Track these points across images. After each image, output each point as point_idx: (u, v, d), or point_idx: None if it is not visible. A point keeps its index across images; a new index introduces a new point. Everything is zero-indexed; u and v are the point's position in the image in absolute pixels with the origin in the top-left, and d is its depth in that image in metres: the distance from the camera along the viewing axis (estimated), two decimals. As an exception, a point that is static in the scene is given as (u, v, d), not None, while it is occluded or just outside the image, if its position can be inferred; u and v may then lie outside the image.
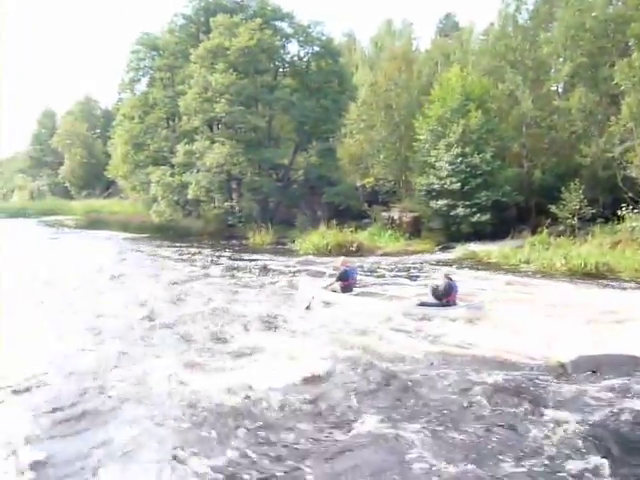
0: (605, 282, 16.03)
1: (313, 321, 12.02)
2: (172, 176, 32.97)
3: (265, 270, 19.45)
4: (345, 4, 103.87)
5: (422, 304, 12.24)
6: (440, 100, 25.53)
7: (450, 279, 12.33)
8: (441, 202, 24.03)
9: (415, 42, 41.72)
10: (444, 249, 23.44)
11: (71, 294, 15.66)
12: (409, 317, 11.77)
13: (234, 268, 20.03)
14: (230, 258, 22.86)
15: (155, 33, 39.15)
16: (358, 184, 31.66)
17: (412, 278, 17.32)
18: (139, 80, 40.39)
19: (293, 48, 34.71)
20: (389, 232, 25.45)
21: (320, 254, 22.84)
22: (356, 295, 13.52)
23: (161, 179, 33.21)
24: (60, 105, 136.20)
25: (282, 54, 34.42)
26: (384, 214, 27.56)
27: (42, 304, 14.30)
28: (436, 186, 24.32)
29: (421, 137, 25.91)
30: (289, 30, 34.29)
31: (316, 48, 33.61)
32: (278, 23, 34.09)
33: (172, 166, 33.75)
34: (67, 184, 69.33)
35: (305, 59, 34.47)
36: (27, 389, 8.18)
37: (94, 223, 42.30)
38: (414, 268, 19.34)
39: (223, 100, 29.30)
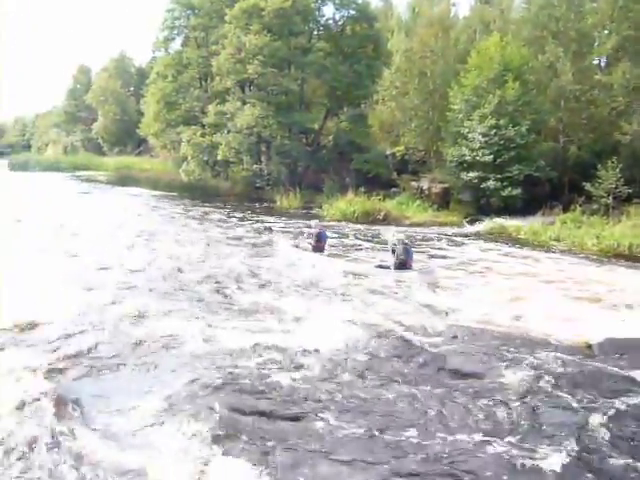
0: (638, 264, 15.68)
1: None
2: (202, 136, 33.09)
3: (290, 234, 19.51)
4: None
5: (380, 266, 13.76)
6: (477, 69, 24.88)
7: (407, 244, 13.41)
8: (472, 174, 23.63)
9: (453, 8, 40.59)
10: (472, 222, 23.15)
11: (99, 248, 15.96)
12: (364, 276, 13.15)
13: (257, 229, 20.21)
14: (254, 220, 23.01)
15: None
16: (388, 152, 31.27)
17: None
18: (173, 39, 40.34)
19: (328, 11, 34.20)
20: (417, 202, 25.21)
21: (347, 221, 22.84)
22: (327, 256, 14.97)
23: (191, 139, 33.38)
24: (96, 61, 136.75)
25: (317, 16, 33.81)
26: (413, 184, 27.28)
27: (72, 257, 14.63)
28: (467, 158, 23.89)
29: (455, 107, 25.37)
30: (325, -8, 33.66)
31: (352, 12, 32.90)
32: (314, -16, 33.49)
33: (203, 126, 33.83)
34: (100, 140, 69.99)
35: (340, 22, 33.79)
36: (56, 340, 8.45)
37: (124, 179, 42.74)
38: (437, 239, 19.24)
39: (256, 61, 29.05)
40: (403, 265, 13.03)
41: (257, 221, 22.83)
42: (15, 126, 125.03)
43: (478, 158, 23.40)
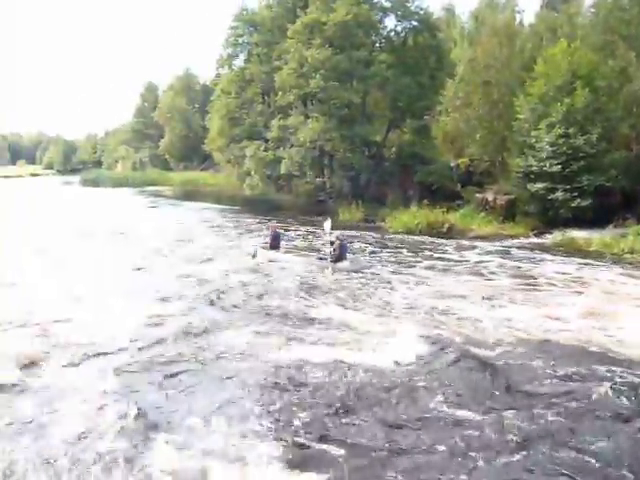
0: None
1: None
2: (266, 150, 33.55)
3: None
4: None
5: (320, 258, 16.73)
6: (544, 77, 24.20)
7: (342, 240, 16.42)
8: (539, 185, 22.90)
9: (518, 16, 39.94)
10: (540, 234, 22.40)
11: (172, 261, 16.42)
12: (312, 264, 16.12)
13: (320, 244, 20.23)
14: (318, 234, 23.05)
15: (253, 9, 39.60)
16: (452, 164, 30.80)
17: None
18: (237, 56, 41.15)
19: (390, 23, 34.10)
20: (482, 214, 24.65)
21: (410, 233, 22.59)
22: (283, 253, 17.57)
23: (255, 153, 33.89)
24: (162, 79, 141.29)
25: (379, 29, 33.83)
26: (478, 195, 26.70)
27: (151, 269, 15.11)
28: (534, 168, 23.18)
29: (521, 116, 24.73)
30: (387, 4, 33.58)
31: (414, 23, 32.75)
32: (376, -3, 33.54)
33: (266, 141, 34.31)
34: (166, 156, 72.23)
35: (402, 34, 33.71)
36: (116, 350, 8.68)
37: (190, 194, 43.87)
38: (505, 252, 18.73)
39: (318, 75, 29.27)
40: (339, 258, 15.83)
41: (318, 235, 22.86)
42: (87, 144, 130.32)
43: (546, 168, 22.66)
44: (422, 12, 32.61)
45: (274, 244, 17.38)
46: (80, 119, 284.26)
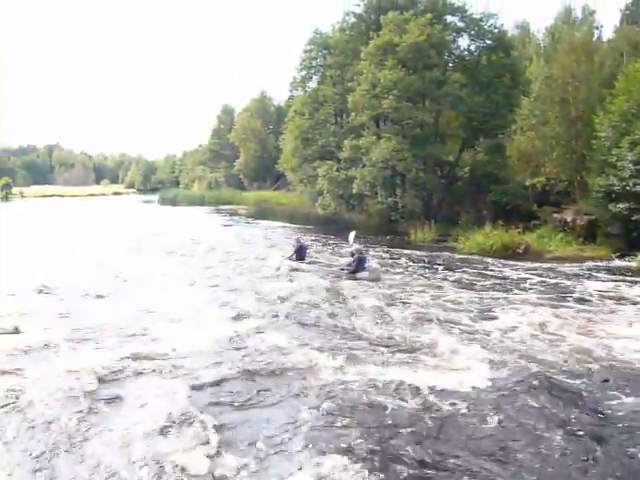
0: None
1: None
2: (338, 171, 33.95)
3: (426, 267, 19.40)
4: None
5: (342, 269, 18.10)
6: (625, 94, 23.41)
7: (362, 254, 17.94)
8: (621, 205, 22.02)
9: (597, 31, 38.88)
10: (622, 257, 21.46)
11: (245, 277, 16.90)
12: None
13: (391, 264, 20.27)
14: (390, 253, 23.11)
15: (327, 33, 40.42)
16: (527, 183, 30.07)
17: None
18: (311, 78, 42.03)
19: (463, 42, 33.96)
20: (560, 235, 23.93)
21: (483, 254, 22.23)
22: (307, 263, 19.14)
23: (327, 173, 34.35)
24: (238, 102, 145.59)
25: (452, 49, 33.79)
26: (555, 216, 25.95)
27: (230, 287, 15.61)
28: (616, 187, 22.33)
29: (601, 134, 23.95)
30: (460, 24, 33.50)
31: (488, 41, 32.53)
32: (449, 17, 33.51)
33: (338, 161, 34.74)
34: (241, 176, 74.08)
35: (476, 53, 33.52)
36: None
37: (263, 213, 44.78)
38: (586, 275, 18.12)
39: (391, 96, 29.46)
40: (357, 270, 17.39)
41: (390, 254, 22.91)
42: (166, 164, 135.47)
43: (629, 188, 21.79)
44: (496, 31, 32.35)
45: (300, 255, 19.22)
46: (160, 141, 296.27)
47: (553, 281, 17.01)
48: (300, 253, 19.33)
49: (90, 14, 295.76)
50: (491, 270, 19.01)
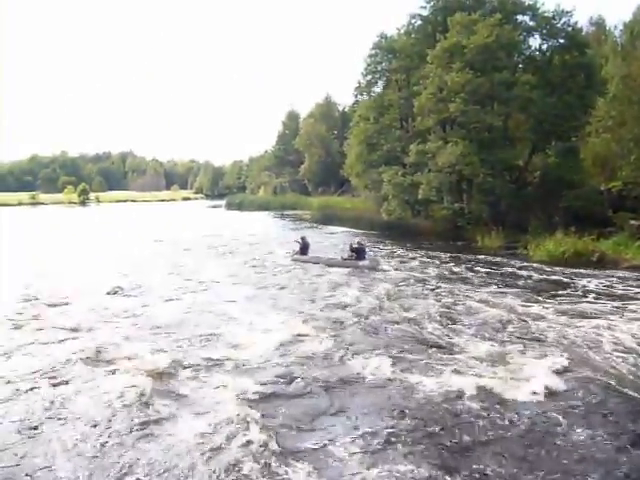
0: None
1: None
2: (403, 176, 33.52)
3: (494, 275, 18.80)
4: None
5: (345, 259, 21.46)
6: None
7: (361, 244, 22.01)
8: None
9: (681, 26, 36.67)
10: None
11: (311, 283, 16.87)
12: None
13: (457, 270, 19.76)
14: (455, 259, 22.57)
15: (392, 36, 40.02)
16: (602, 188, 28.77)
17: None
18: (375, 82, 41.69)
19: (534, 42, 32.89)
20: (638, 243, 22.69)
21: (555, 262, 21.30)
22: (309, 256, 22.75)
23: (392, 178, 33.99)
24: (303, 107, 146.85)
25: (522, 49, 32.76)
26: (633, 222, 24.63)
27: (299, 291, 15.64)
28: (701, 192, 21.05)
29: (684, 135, 22.63)
30: (531, 23, 32.48)
31: (560, 40, 31.34)
32: (519, 17, 32.54)
33: (404, 166, 34.30)
34: (305, 181, 74.53)
35: (547, 53, 32.35)
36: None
37: (327, 218, 44.75)
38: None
39: (458, 99, 28.81)
40: (359, 259, 20.87)
41: (455, 260, 22.37)
42: (232, 170, 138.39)
43: None
44: (569, 29, 31.11)
45: (304, 250, 23.03)
46: (227, 146, 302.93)
47: (631, 291, 16.10)
48: (304, 248, 23.08)
49: (160, 22, 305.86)
50: (563, 278, 18.21)
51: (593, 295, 15.47)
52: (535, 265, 20.88)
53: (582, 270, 19.50)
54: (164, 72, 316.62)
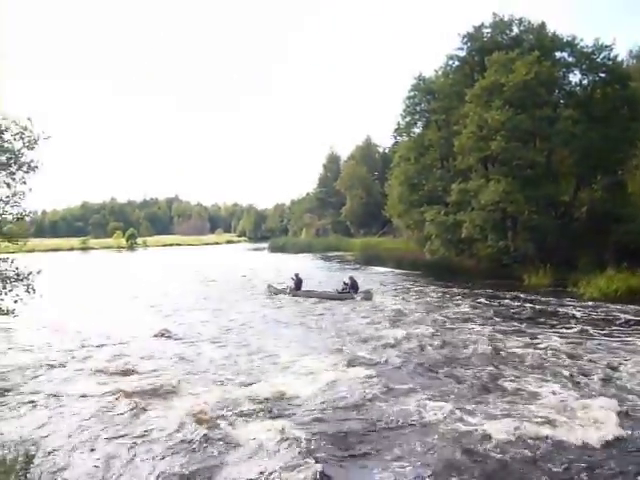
0: None
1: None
2: (446, 215, 33.31)
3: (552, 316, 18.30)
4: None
5: (339, 292, 24.14)
6: None
7: (352, 278, 24.60)
8: None
9: None
10: None
11: (356, 321, 16.74)
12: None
13: (503, 311, 19.32)
14: (501, 299, 22.10)
15: (430, 77, 40.42)
16: (653, 221, 27.93)
17: None
18: (415, 123, 41.94)
19: (575, 77, 32.67)
20: (695, 277, 21.85)
21: (607, 300, 20.62)
22: (304, 290, 25.16)
23: (435, 217, 33.82)
24: (343, 150, 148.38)
25: (562, 84, 32.60)
26: (688, 256, 23.79)
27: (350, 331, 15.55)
28: None
29: None
30: (570, 59, 32.39)
31: (601, 75, 31.09)
32: (558, 53, 32.51)
33: (446, 205, 34.11)
34: (347, 222, 74.81)
35: (589, 87, 32.07)
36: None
37: (370, 258, 44.58)
38: None
39: (499, 137, 28.69)
40: (353, 290, 23.72)
41: (501, 300, 21.90)
42: (275, 212, 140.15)
43: None
44: (610, 63, 30.84)
45: (298, 286, 25.28)
46: (269, 190, 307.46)
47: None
48: (298, 284, 25.40)
49: (207, 62, 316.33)
50: (617, 317, 17.58)
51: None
52: (587, 303, 20.25)
53: (638, 307, 18.81)
54: (207, 118, 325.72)
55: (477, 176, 31.63)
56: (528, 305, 20.52)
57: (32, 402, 10.04)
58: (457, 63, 37.94)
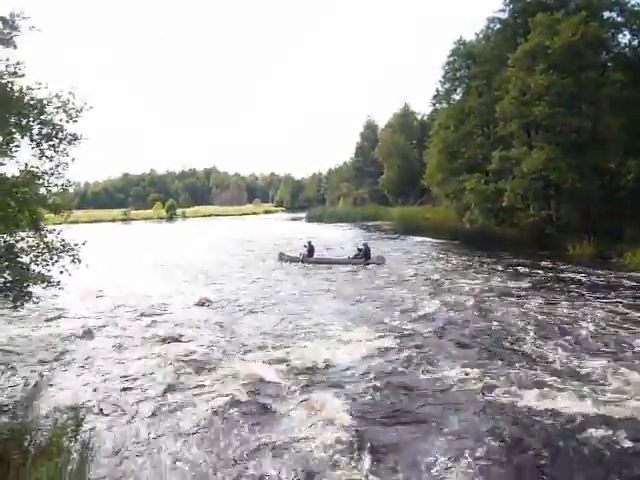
0: None
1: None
2: (486, 183, 32.67)
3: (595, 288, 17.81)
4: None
5: (353, 257, 25.40)
6: None
7: (366, 245, 25.67)
8: None
9: None
10: None
11: (393, 291, 16.62)
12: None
13: (546, 280, 18.87)
14: (544, 269, 21.59)
15: (471, 41, 39.29)
16: None
17: None
18: (455, 90, 41.06)
19: (624, 38, 31.26)
20: None
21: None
22: (315, 257, 26.63)
23: (475, 186, 33.19)
24: (381, 118, 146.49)
25: (610, 46, 31.19)
26: None
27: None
28: None
29: None
30: (619, 19, 30.94)
31: (653, 35, 29.68)
32: (606, 13, 31.06)
33: (486, 173, 33.41)
34: (385, 191, 74.13)
35: (638, 49, 30.62)
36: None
37: (408, 228, 44.26)
38: None
39: (542, 102, 27.72)
40: (366, 256, 24.88)
41: (544, 270, 21.39)
42: (312, 182, 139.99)
43: None
44: (663, 22, 29.36)
45: (310, 253, 26.57)
46: (307, 159, 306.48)
47: None
48: (310, 251, 26.64)
49: (251, 37, 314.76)
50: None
51: None
52: (634, 274, 19.61)
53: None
54: (245, 88, 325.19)
55: (519, 143, 30.77)
56: (572, 275, 20.03)
57: (81, 367, 10.39)
58: (499, 26, 36.77)
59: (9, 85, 8.30)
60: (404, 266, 23.96)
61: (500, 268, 22.56)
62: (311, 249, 26.78)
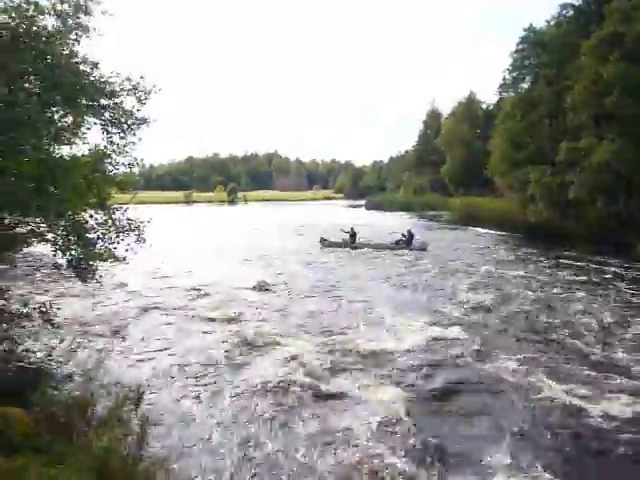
0: None
1: None
2: (552, 175, 31.69)
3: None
4: None
5: (396, 243, 26.83)
6: None
7: (410, 231, 26.81)
8: None
9: None
10: None
11: (454, 285, 16.53)
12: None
13: (610, 278, 18.25)
14: (609, 266, 20.88)
15: (541, 28, 38.10)
16: None
17: None
18: (523, 78, 39.97)
19: None
20: None
21: None
22: (360, 242, 27.90)
23: (540, 178, 32.30)
24: (445, 106, 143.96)
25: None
26: None
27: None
28: None
29: None
30: None
31: None
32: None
33: (553, 165, 32.40)
34: (446, 181, 72.95)
35: None
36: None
37: (468, 219, 43.54)
38: None
39: (615, 92, 26.64)
40: (409, 243, 26.02)
41: (608, 267, 20.68)
42: (372, 170, 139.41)
43: None
44: None
45: (353, 239, 27.75)
46: (368, 147, 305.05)
47: None
48: (353, 236, 27.84)
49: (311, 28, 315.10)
50: None
51: None
52: None
53: None
54: (307, 76, 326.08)
55: (589, 134, 29.65)
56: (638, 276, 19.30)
57: (143, 344, 10.84)
58: (571, 12, 35.48)
59: (85, 72, 8.59)
60: (466, 256, 23.75)
61: (562, 263, 22.03)
62: (353, 235, 27.89)
